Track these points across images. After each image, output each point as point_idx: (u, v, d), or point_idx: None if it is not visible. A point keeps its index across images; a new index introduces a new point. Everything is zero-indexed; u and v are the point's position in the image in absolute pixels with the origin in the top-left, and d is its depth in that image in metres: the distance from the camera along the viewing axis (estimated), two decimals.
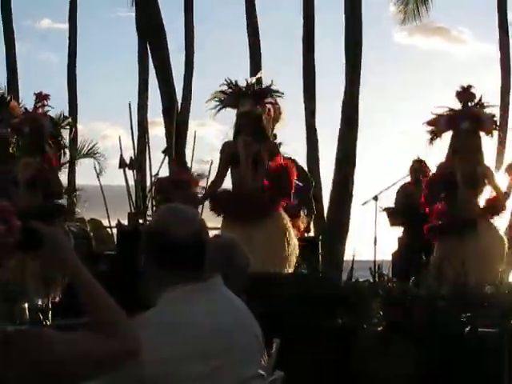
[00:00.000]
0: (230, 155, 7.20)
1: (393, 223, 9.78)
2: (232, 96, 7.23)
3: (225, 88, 7.28)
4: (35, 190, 7.23)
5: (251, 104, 7.06)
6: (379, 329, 5.73)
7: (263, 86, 7.35)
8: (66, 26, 20.60)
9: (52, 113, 7.81)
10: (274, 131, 7.61)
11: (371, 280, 6.20)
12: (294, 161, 8.18)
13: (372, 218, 8.91)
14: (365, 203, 9.16)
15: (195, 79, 17.71)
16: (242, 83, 7.30)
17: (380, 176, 20.93)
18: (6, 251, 1.98)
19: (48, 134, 7.60)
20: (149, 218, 9.88)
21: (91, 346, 1.96)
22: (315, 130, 16.26)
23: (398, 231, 9.87)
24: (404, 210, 9.48)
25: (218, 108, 7.29)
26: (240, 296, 2.70)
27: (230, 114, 7.29)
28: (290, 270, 6.99)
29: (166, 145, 12.87)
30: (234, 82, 7.31)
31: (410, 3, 18.15)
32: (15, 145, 7.44)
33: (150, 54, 16.82)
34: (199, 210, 7.57)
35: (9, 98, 7.83)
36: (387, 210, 9.66)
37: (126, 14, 27.92)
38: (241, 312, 2.60)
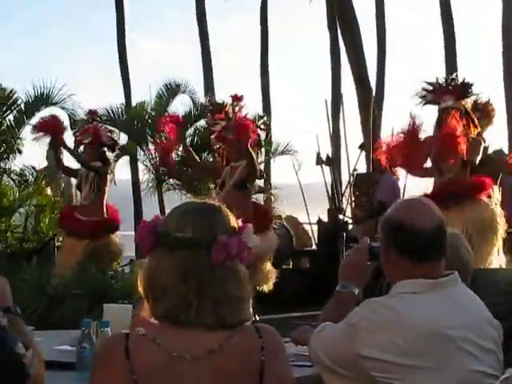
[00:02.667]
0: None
1: None
2: (433, 92, 7.06)
3: (425, 85, 7.12)
4: None
5: (453, 100, 6.87)
6: None
7: (463, 82, 7.12)
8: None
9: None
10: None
11: None
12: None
13: None
14: None
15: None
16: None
17: None
18: None
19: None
20: (348, 214, 9.89)
21: None
22: None
23: None
24: None
25: (421, 104, 7.12)
26: None
27: None
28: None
29: (362, 140, 12.83)
30: (435, 79, 7.13)
31: None
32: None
33: (342, 46, 16.80)
34: None
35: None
36: None
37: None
38: (474, 311, 2.52)
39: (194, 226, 1.93)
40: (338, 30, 17.11)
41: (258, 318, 4.56)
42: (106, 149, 8.42)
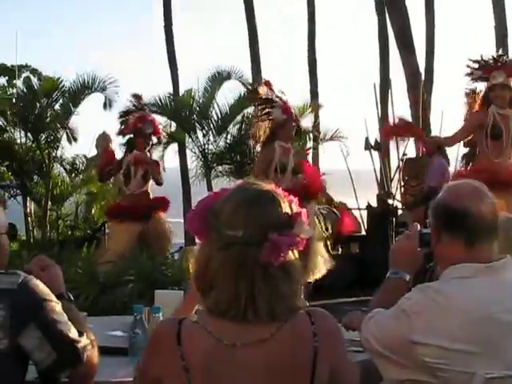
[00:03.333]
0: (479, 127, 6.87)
1: None
2: (482, 69, 6.96)
3: (471, 63, 7.02)
4: None
5: (504, 76, 6.77)
6: None
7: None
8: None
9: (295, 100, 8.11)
10: None
11: None
12: None
13: None
14: None
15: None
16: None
17: None
18: None
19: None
20: (397, 199, 9.82)
21: None
22: None
23: None
24: None
25: (471, 81, 7.03)
26: None
27: None
28: None
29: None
30: (480, 56, 7.02)
31: None
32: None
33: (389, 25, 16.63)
34: None
35: None
36: None
37: None
38: None
39: (245, 222, 1.90)
40: (386, 14, 16.96)
41: (308, 304, 4.50)
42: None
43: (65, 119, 11.51)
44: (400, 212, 9.52)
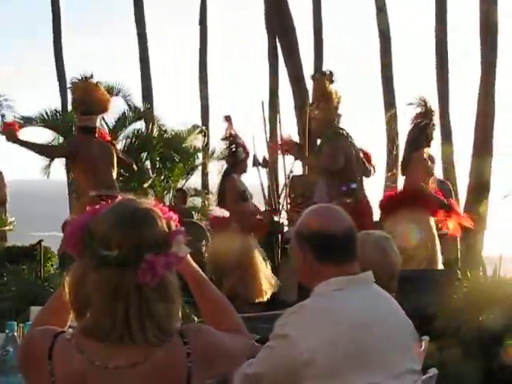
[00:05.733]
0: None
1: None
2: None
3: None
4: None
5: None
6: None
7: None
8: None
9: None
10: None
11: None
12: None
13: None
14: (506, 196, 8.85)
15: None
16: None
17: None
18: None
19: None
20: (283, 215, 9.91)
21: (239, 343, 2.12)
22: None
23: None
24: None
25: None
26: (390, 293, 2.69)
27: None
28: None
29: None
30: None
31: None
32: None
33: (279, 50, 16.87)
34: None
35: None
36: None
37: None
38: (391, 308, 2.59)
39: (120, 243, 1.87)
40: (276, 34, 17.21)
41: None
42: None
43: None
44: (286, 229, 9.61)
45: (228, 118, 8.64)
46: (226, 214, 7.91)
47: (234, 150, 8.44)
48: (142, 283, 1.86)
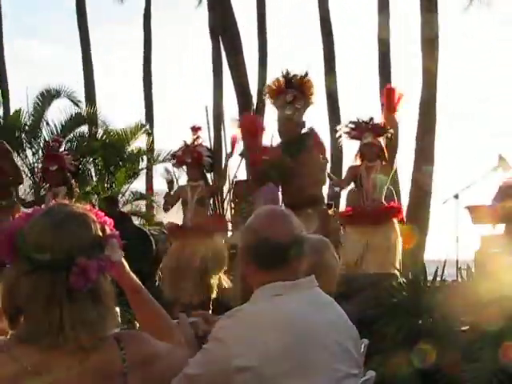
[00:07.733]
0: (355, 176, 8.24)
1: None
2: (357, 130, 8.11)
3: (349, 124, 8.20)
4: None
5: (372, 136, 8.00)
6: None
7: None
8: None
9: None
10: None
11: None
12: None
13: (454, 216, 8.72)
14: (445, 202, 8.97)
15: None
16: None
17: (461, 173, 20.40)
18: None
19: (207, 162, 8.75)
20: (228, 219, 9.92)
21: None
22: None
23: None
24: None
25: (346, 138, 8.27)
26: (330, 296, 2.71)
27: None
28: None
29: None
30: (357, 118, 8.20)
31: None
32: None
33: (224, 54, 16.88)
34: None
35: None
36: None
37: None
38: (333, 312, 2.61)
39: (52, 246, 1.85)
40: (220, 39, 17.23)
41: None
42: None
43: None
44: (230, 234, 9.62)
45: (196, 129, 8.75)
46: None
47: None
48: (74, 287, 1.84)
